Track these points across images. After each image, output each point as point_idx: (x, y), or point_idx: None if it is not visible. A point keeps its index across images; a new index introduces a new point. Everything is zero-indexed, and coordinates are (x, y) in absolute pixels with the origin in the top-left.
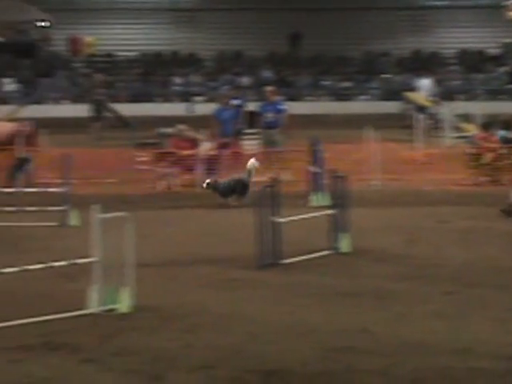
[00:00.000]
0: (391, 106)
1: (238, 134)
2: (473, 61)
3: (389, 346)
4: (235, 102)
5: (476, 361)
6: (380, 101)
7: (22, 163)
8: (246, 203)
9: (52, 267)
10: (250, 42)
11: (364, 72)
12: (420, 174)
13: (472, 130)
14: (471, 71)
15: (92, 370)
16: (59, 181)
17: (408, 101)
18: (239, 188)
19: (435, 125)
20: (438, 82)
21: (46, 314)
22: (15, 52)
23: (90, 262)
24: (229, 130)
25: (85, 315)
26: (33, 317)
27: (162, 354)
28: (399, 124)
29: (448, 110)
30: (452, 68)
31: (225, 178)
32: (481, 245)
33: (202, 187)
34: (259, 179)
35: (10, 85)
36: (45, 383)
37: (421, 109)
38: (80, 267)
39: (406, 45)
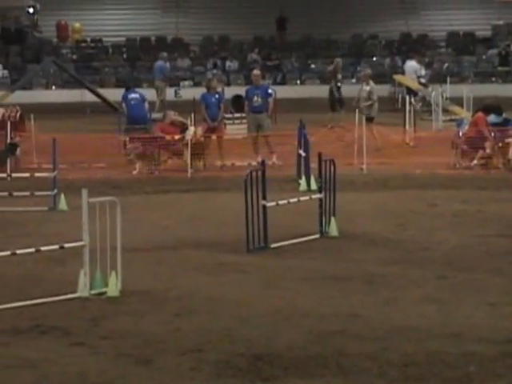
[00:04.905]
0: (382, 90)
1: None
2: (462, 43)
3: (379, 330)
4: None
5: (468, 345)
6: None
7: (11, 148)
8: None
9: (41, 251)
10: (236, 26)
11: (352, 55)
12: (410, 158)
13: (462, 112)
14: (461, 53)
15: (82, 353)
16: (47, 166)
17: (397, 84)
18: None
19: (425, 108)
20: (427, 65)
21: (36, 298)
22: (4, 38)
23: (79, 246)
24: (215, 114)
25: (74, 299)
26: (23, 300)
27: (151, 338)
28: (388, 107)
29: (438, 93)
30: (442, 50)
31: None
32: (472, 228)
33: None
34: (247, 163)
35: None
36: (35, 366)
37: (410, 92)
38: (69, 251)
39: (394, 27)
